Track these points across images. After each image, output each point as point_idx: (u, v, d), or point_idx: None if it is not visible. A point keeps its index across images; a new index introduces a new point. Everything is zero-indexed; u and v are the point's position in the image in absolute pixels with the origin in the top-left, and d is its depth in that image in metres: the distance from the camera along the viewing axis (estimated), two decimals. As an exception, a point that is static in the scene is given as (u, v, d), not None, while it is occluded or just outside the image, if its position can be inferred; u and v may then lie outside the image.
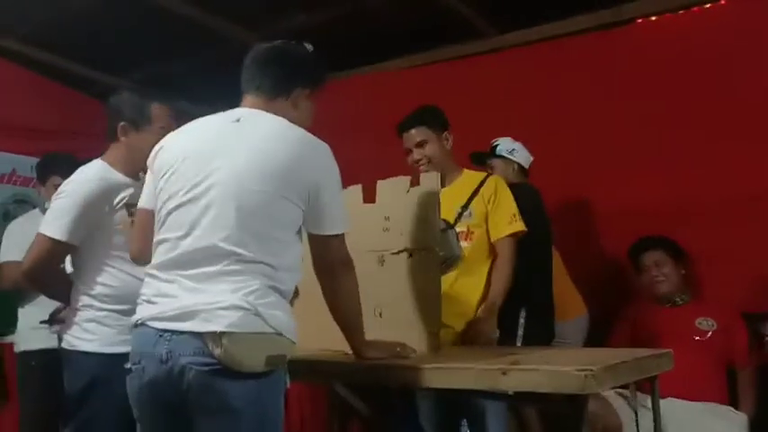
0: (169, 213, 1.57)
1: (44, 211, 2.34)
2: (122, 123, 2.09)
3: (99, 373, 1.94)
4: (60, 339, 2.13)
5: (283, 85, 1.68)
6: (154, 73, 4.21)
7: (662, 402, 2.06)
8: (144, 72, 4.24)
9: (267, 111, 1.64)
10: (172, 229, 1.55)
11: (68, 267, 2.13)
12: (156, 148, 1.70)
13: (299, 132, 1.61)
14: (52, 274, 2.06)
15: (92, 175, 2.04)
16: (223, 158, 1.54)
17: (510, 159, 2.97)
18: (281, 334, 1.50)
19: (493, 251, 2.41)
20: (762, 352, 2.68)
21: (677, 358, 1.90)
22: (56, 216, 2.00)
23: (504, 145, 2.98)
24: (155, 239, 1.60)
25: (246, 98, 1.69)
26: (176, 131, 1.71)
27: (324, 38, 3.63)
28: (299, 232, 1.62)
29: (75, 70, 4.12)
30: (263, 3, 3.44)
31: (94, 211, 1.99)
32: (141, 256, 1.71)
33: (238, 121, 1.61)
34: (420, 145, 2.45)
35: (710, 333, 2.73)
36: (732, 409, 2.63)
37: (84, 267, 2.05)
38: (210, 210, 1.51)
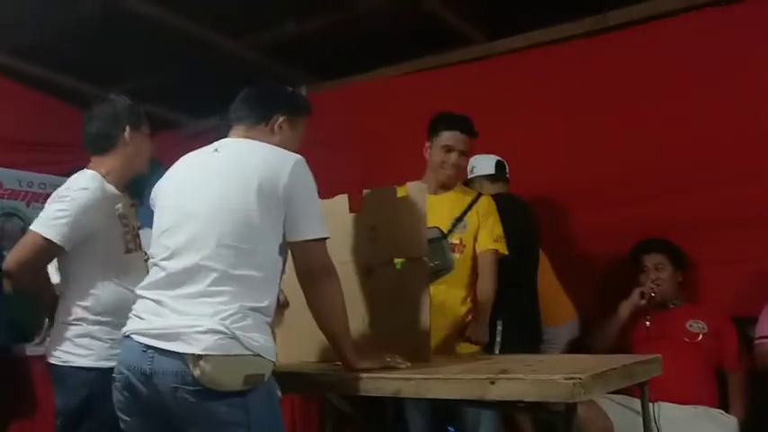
0: (158, 240, 1.68)
1: None
2: (127, 128, 2.12)
3: (95, 388, 1.95)
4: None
5: (262, 113, 1.78)
6: (141, 83, 4.18)
7: (652, 406, 2.06)
8: (131, 82, 4.21)
9: (247, 137, 1.75)
10: (159, 254, 1.64)
11: (54, 278, 2.12)
12: (156, 186, 1.80)
13: (270, 148, 1.71)
14: (36, 274, 2.03)
15: (91, 183, 2.04)
16: (203, 185, 1.65)
17: (476, 177, 2.98)
18: (258, 355, 1.54)
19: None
20: (751, 355, 2.69)
21: (667, 361, 1.91)
22: (53, 217, 1.98)
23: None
24: (149, 264, 1.71)
25: (231, 130, 1.80)
26: (168, 171, 1.81)
27: (313, 47, 3.69)
28: (283, 250, 1.65)
29: (63, 82, 4.10)
30: (252, 12, 3.44)
31: (92, 219, 2.00)
32: None
33: (216, 150, 1.73)
34: (461, 153, 2.52)
35: (701, 336, 2.74)
36: (722, 412, 2.63)
37: (78, 278, 2.04)
38: (193, 232, 1.60)
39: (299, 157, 1.67)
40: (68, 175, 2.17)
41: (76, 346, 2.01)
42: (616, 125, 3.08)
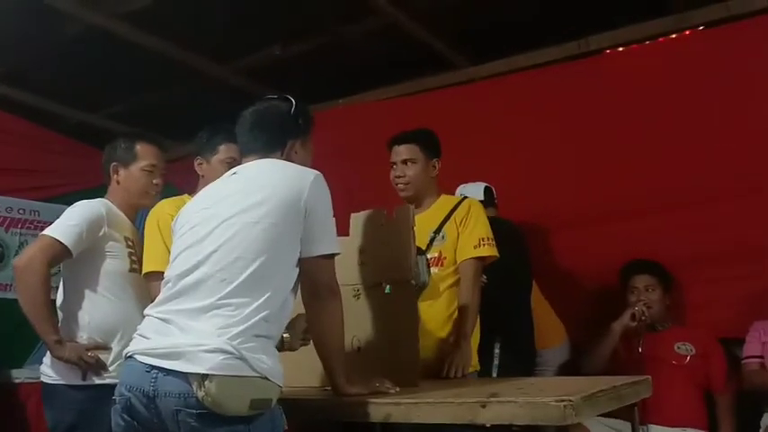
0: (176, 257, 1.66)
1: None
2: (113, 164, 2.31)
3: (88, 406, 1.98)
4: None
5: (274, 144, 1.78)
6: (126, 108, 4.18)
7: (641, 429, 2.05)
8: (115, 108, 4.21)
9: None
10: (175, 269, 1.62)
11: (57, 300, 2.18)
12: (178, 214, 1.81)
13: (288, 165, 1.72)
14: (43, 274, 2.04)
15: (97, 202, 2.24)
16: (223, 204, 1.65)
17: None
18: (266, 378, 1.49)
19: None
20: (739, 377, 2.69)
21: (656, 383, 1.91)
22: (63, 224, 2.11)
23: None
24: (162, 282, 1.68)
25: (244, 159, 1.81)
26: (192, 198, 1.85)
27: (298, 71, 3.70)
28: (298, 265, 1.63)
29: (46, 106, 4.07)
30: (237, 37, 3.45)
31: (98, 230, 2.13)
32: None
33: (235, 173, 1.76)
34: (405, 162, 2.42)
35: (689, 358, 2.75)
36: (711, 434, 2.64)
37: (78, 296, 2.12)
38: (211, 248, 1.58)
39: (317, 172, 1.68)
40: (49, 200, 2.24)
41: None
42: (599, 147, 3.10)
